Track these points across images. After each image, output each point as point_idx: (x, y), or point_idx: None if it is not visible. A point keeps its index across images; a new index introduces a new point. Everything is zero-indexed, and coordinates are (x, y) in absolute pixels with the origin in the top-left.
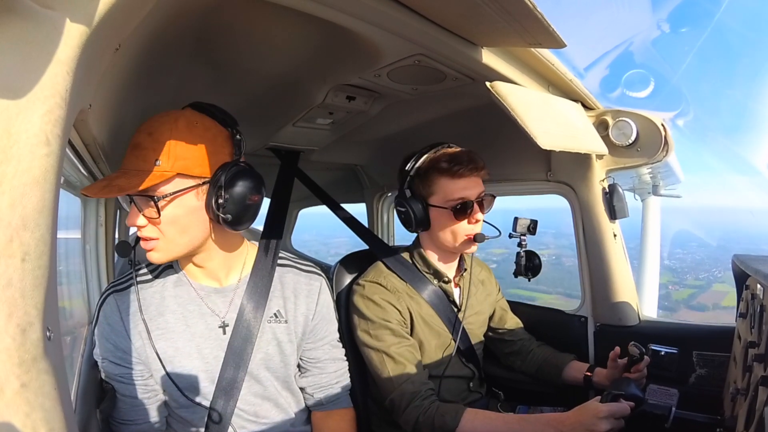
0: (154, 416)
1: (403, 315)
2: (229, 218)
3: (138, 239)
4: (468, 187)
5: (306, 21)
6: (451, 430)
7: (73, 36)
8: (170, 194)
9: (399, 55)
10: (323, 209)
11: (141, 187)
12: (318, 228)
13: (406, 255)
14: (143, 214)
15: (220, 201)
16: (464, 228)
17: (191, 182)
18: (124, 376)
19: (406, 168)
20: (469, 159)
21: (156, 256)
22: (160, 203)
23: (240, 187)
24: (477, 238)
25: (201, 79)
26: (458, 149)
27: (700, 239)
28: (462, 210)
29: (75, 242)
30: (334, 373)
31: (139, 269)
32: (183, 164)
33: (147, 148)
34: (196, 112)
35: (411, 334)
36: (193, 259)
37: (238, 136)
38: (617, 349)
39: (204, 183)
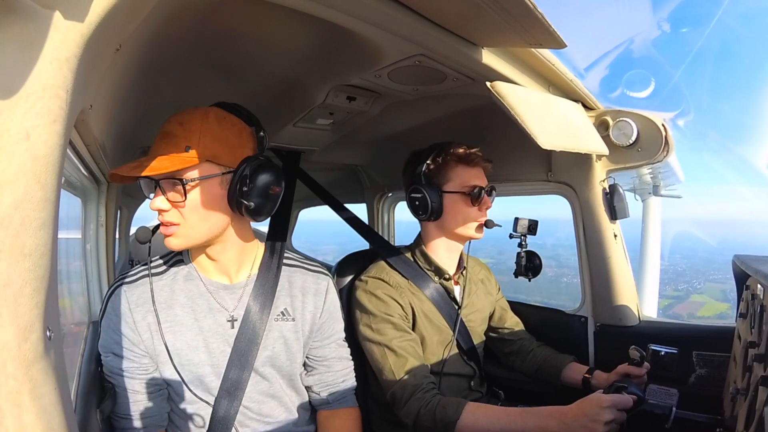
0: (156, 411)
1: (405, 310)
2: (252, 206)
3: (157, 227)
4: (479, 176)
5: (306, 21)
6: (453, 423)
7: (73, 36)
8: (197, 179)
9: (399, 56)
10: (312, 216)
11: (171, 169)
12: (307, 235)
13: (407, 253)
14: (168, 198)
15: (244, 189)
16: (475, 214)
17: (218, 170)
18: (129, 369)
19: (422, 159)
20: (479, 152)
21: (175, 242)
22: (187, 186)
23: (263, 178)
24: (488, 224)
25: (202, 79)
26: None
27: (683, 251)
28: (476, 196)
29: (75, 242)
30: (340, 372)
31: (150, 262)
32: (211, 152)
33: (178, 136)
34: (222, 109)
35: (413, 330)
36: (207, 251)
37: (261, 134)
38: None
39: (229, 172)
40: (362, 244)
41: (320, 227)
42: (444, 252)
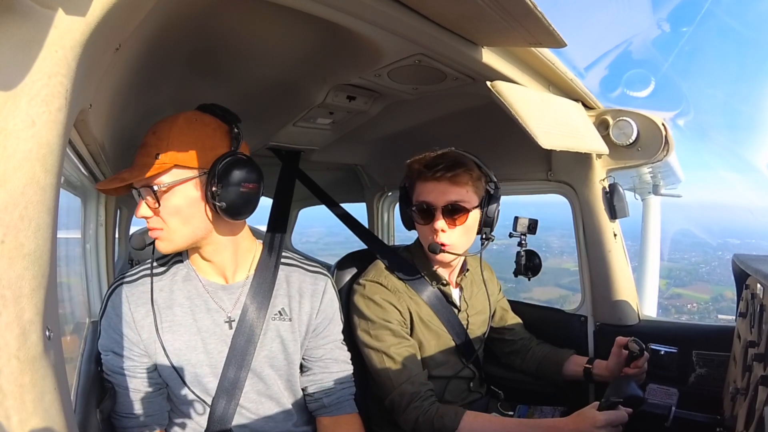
0: (156, 410)
1: (404, 315)
2: (224, 206)
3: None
4: (433, 191)
5: (306, 21)
6: None
7: (73, 35)
8: (168, 184)
9: (399, 55)
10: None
11: (139, 177)
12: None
13: (405, 255)
14: (147, 205)
15: (214, 189)
16: (426, 233)
17: (189, 173)
18: (129, 368)
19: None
20: (447, 165)
21: (162, 245)
22: (158, 192)
23: (234, 176)
24: (430, 248)
25: (201, 79)
26: (447, 153)
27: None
28: (421, 213)
29: (75, 242)
30: (336, 374)
31: (152, 263)
32: (181, 157)
33: (151, 145)
34: (198, 111)
35: (411, 335)
36: (201, 252)
37: (236, 130)
38: (621, 338)
39: (203, 174)
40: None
41: (308, 212)
42: (438, 261)
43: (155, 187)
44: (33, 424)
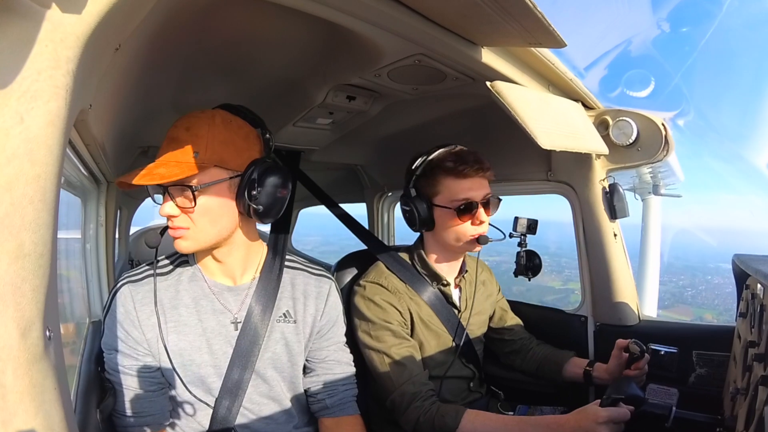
0: (157, 410)
1: (404, 316)
2: (261, 209)
3: (165, 229)
4: (473, 187)
5: (306, 21)
6: (451, 431)
7: (73, 36)
8: (207, 184)
9: (399, 55)
10: (302, 212)
11: (180, 176)
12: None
13: (405, 256)
14: (177, 204)
15: (253, 193)
16: (468, 229)
17: (225, 174)
18: (132, 367)
19: (413, 167)
20: (475, 159)
21: (184, 245)
22: (196, 192)
23: (271, 181)
24: (480, 240)
25: (201, 79)
26: (465, 150)
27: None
28: (466, 210)
29: (75, 242)
30: (339, 375)
31: (156, 263)
32: (220, 157)
33: (185, 142)
34: (228, 112)
35: (411, 335)
36: (214, 253)
37: (267, 135)
38: (621, 341)
39: (237, 176)
40: (349, 235)
41: (305, 220)
42: (443, 260)
43: (194, 187)
44: (32, 423)
